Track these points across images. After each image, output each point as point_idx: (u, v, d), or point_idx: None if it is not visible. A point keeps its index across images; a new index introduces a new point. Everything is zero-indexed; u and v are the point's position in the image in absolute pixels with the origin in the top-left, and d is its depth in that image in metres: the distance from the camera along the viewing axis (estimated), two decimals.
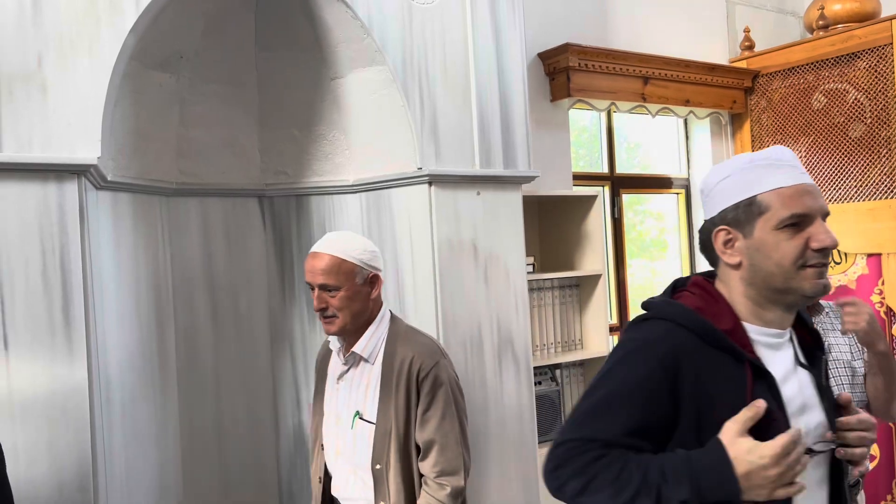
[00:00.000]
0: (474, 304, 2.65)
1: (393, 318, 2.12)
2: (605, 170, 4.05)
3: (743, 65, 4.21)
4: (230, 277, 2.75)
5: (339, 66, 2.67)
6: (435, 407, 1.97)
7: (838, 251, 3.82)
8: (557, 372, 3.42)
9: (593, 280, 3.44)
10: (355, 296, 2.00)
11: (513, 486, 2.71)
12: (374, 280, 2.04)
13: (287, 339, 2.83)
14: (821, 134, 3.93)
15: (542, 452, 3.04)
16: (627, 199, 4.16)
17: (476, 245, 2.67)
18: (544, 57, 3.54)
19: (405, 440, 1.97)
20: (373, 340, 2.04)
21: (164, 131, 2.54)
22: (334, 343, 2.11)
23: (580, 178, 3.85)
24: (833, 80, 3.88)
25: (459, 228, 2.63)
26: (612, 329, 3.92)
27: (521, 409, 2.75)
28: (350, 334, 2.04)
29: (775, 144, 4.11)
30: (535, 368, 3.11)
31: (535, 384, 3.16)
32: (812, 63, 3.95)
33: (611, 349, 3.44)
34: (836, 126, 3.87)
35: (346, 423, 2.06)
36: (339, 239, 2.04)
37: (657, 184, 4.30)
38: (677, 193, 4.39)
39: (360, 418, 2.02)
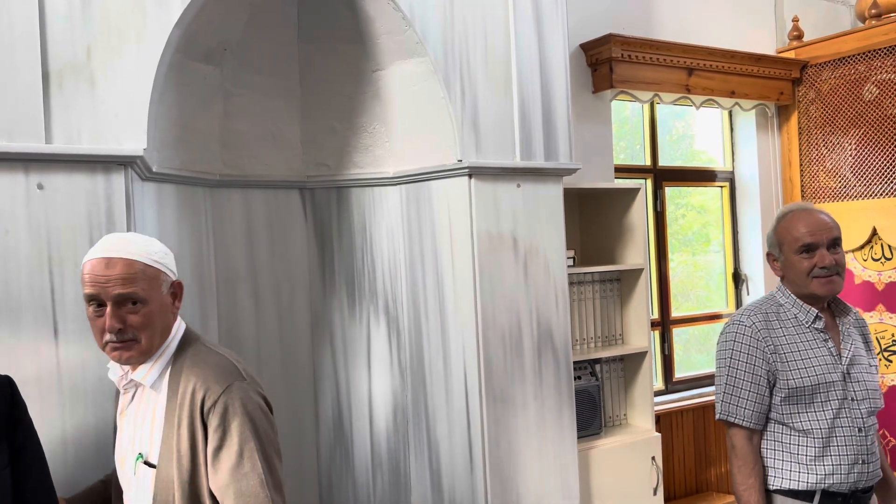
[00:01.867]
0: (514, 297, 2.64)
1: (187, 334, 1.69)
2: (648, 162, 4.00)
3: (791, 55, 4.11)
4: (272, 268, 2.78)
5: (381, 58, 2.67)
6: (228, 444, 1.53)
7: (889, 246, 3.72)
8: (598, 367, 3.39)
9: (635, 274, 3.40)
10: (162, 310, 1.60)
11: (551, 481, 2.70)
12: (178, 289, 1.66)
13: (327, 330, 2.85)
14: (872, 126, 3.82)
15: (582, 448, 3.03)
16: (670, 192, 4.10)
17: (516, 238, 2.66)
18: (587, 48, 3.50)
19: (193, 489, 1.55)
20: (160, 363, 1.62)
21: (207, 123, 2.57)
22: (113, 368, 1.66)
23: (622, 171, 3.81)
24: (886, 71, 3.77)
25: (499, 221, 2.62)
26: (653, 324, 3.87)
27: (560, 404, 2.74)
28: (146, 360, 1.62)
29: (824, 136, 4.03)
30: (574, 363, 3.09)
31: (575, 379, 3.14)
32: (864, 53, 3.84)
33: (651, 343, 3.40)
34: (888, 118, 3.76)
35: (130, 468, 1.65)
36: (133, 239, 1.62)
37: (701, 177, 4.22)
38: (721, 187, 4.32)
39: (144, 462, 1.61)
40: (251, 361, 2.73)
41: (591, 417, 3.23)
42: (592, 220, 3.52)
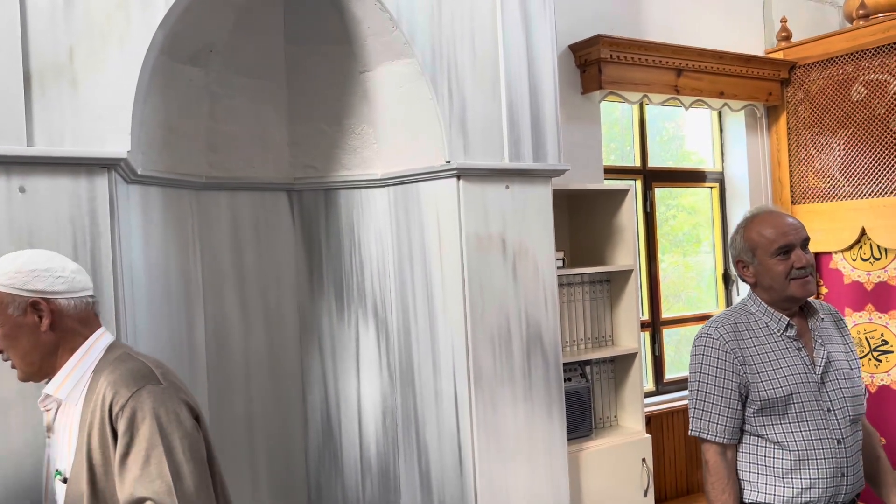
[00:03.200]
0: (503, 299, 2.63)
1: (112, 346, 1.62)
2: (637, 163, 4.00)
3: (779, 56, 4.12)
4: (259, 271, 2.76)
5: (368, 60, 2.66)
6: (135, 450, 1.43)
7: (877, 246, 3.73)
8: (587, 368, 3.38)
9: (625, 275, 3.39)
10: (20, 332, 1.53)
11: (541, 483, 2.69)
12: (36, 306, 1.53)
13: (316, 332, 2.84)
14: (860, 126, 3.83)
15: (572, 449, 3.02)
16: (660, 193, 4.10)
17: (505, 239, 2.65)
18: (575, 49, 3.50)
19: (105, 500, 1.47)
20: (73, 376, 1.56)
21: (193, 125, 2.55)
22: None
23: (611, 172, 3.81)
24: (874, 71, 3.78)
25: (488, 222, 2.61)
26: (643, 325, 3.87)
27: (550, 406, 2.72)
28: (47, 376, 1.58)
29: (812, 137, 4.03)
30: (564, 364, 3.08)
31: (565, 380, 3.13)
32: (852, 53, 3.84)
33: (641, 345, 3.39)
34: (876, 118, 3.77)
35: (52, 486, 1.61)
36: None
37: (690, 178, 4.23)
38: (711, 187, 4.32)
39: (62, 479, 1.55)
40: (238, 365, 2.71)
41: (581, 419, 3.22)
42: (582, 221, 3.51)
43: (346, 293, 2.83)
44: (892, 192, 3.69)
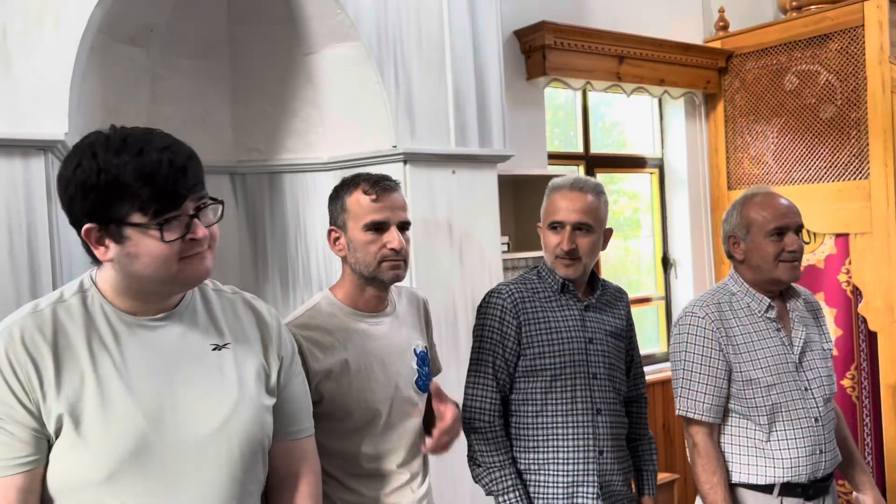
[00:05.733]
0: (449, 282, 2.66)
1: None
2: (581, 149, 4.06)
3: (717, 45, 4.22)
4: None
5: (313, 42, 2.63)
6: None
7: (807, 231, 3.88)
8: None
9: None
10: None
11: None
12: None
13: None
14: (792, 115, 3.97)
15: None
16: (602, 178, 4.17)
17: (451, 224, 2.67)
18: (520, 35, 3.52)
19: None
20: None
21: (134, 107, 2.49)
22: None
23: (555, 158, 3.86)
24: (805, 62, 3.91)
25: (435, 207, 2.62)
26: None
27: None
28: None
29: (748, 125, 4.14)
30: None
31: None
32: (785, 44, 3.97)
33: None
34: (807, 107, 3.91)
35: None
36: None
37: (631, 163, 4.32)
38: (651, 173, 4.42)
39: None
40: None
41: None
42: (526, 206, 3.56)
43: (292, 278, 2.81)
44: (821, 179, 3.84)
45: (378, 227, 1.72)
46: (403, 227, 1.75)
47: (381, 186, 1.74)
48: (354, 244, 1.73)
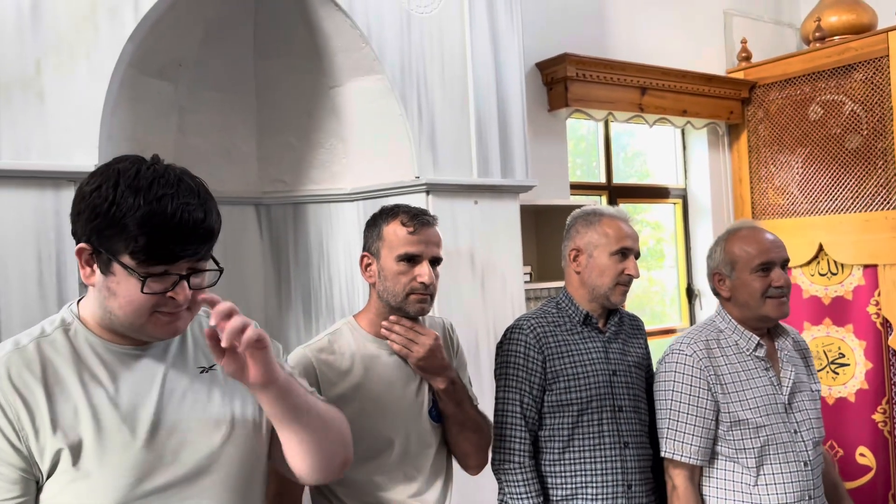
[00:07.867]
0: (471, 313, 2.65)
1: None
2: (603, 179, 4.06)
3: (740, 75, 4.22)
4: (226, 284, 2.72)
5: (338, 75, 2.67)
6: None
7: (834, 262, 3.83)
8: None
9: None
10: None
11: None
12: None
13: (283, 346, 2.82)
14: (817, 145, 3.94)
15: None
16: (625, 208, 4.15)
17: (473, 254, 2.67)
18: (542, 66, 3.55)
19: None
20: None
21: (162, 139, 2.53)
22: None
23: (578, 188, 3.86)
24: (830, 92, 3.89)
25: (457, 237, 2.63)
26: None
27: None
28: None
29: (772, 155, 4.13)
30: None
31: None
32: (809, 74, 3.96)
33: None
34: (832, 137, 3.88)
35: None
36: None
37: (654, 193, 4.30)
38: (674, 203, 4.40)
39: None
40: None
41: None
42: (549, 236, 3.55)
43: (315, 307, 2.82)
44: (847, 209, 3.80)
45: (411, 259, 1.73)
46: (435, 262, 1.76)
47: (420, 220, 1.75)
48: (385, 273, 1.74)
